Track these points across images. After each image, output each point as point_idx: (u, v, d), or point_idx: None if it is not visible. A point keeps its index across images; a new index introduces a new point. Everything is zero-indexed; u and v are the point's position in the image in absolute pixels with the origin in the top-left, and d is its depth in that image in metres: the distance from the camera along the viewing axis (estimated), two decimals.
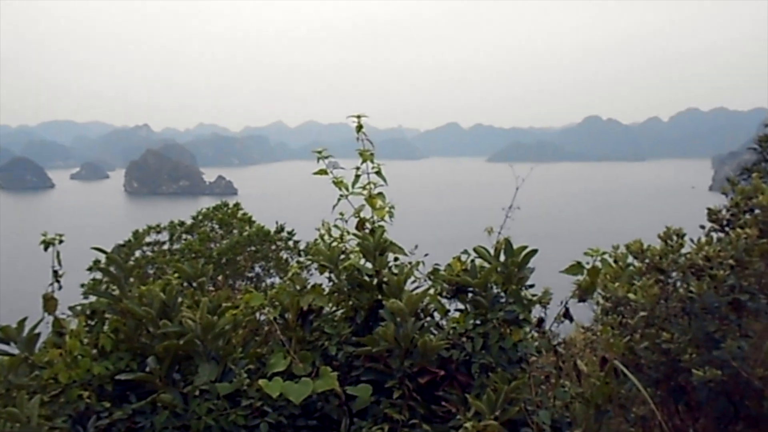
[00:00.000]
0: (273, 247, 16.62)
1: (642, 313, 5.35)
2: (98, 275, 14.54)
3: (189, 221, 17.69)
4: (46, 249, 3.30)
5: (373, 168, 3.71)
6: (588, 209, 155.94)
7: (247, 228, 17.02)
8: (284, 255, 16.74)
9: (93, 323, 3.32)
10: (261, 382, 2.99)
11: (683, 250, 5.65)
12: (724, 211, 5.98)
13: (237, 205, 18.33)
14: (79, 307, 3.37)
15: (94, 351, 3.18)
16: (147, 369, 3.07)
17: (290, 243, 17.02)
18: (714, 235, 5.88)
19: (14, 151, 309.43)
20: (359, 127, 3.66)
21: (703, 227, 6.10)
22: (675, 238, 5.76)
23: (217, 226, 17.43)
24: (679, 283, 5.48)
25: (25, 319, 3.07)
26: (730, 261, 4.98)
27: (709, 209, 6.03)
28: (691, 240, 5.74)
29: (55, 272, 3.36)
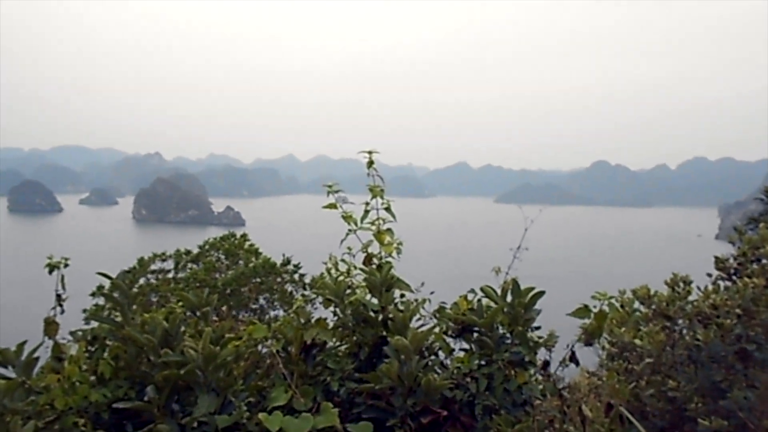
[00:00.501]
0: (278, 279, 16.57)
1: (648, 360, 5.27)
2: (101, 301, 14.52)
3: (195, 250, 17.71)
4: (50, 272, 3.30)
5: (382, 204, 3.71)
6: (595, 253, 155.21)
7: (253, 259, 17.01)
8: (289, 288, 16.67)
9: (93, 349, 3.30)
10: (261, 415, 2.94)
11: (690, 298, 5.60)
12: (731, 260, 5.94)
13: (244, 236, 18.36)
14: (80, 333, 3.35)
15: (93, 378, 3.14)
16: (145, 398, 3.03)
17: (296, 276, 16.97)
18: (721, 283, 5.83)
19: (25, 174, 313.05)
20: (370, 163, 3.68)
21: (710, 275, 6.05)
22: (682, 284, 5.72)
23: (223, 257, 17.43)
24: (685, 331, 5.42)
25: (24, 342, 3.05)
26: (738, 310, 4.93)
27: (716, 257, 5.99)
28: (698, 288, 5.70)
29: (59, 296, 3.35)
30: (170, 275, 17.09)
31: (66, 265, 3.38)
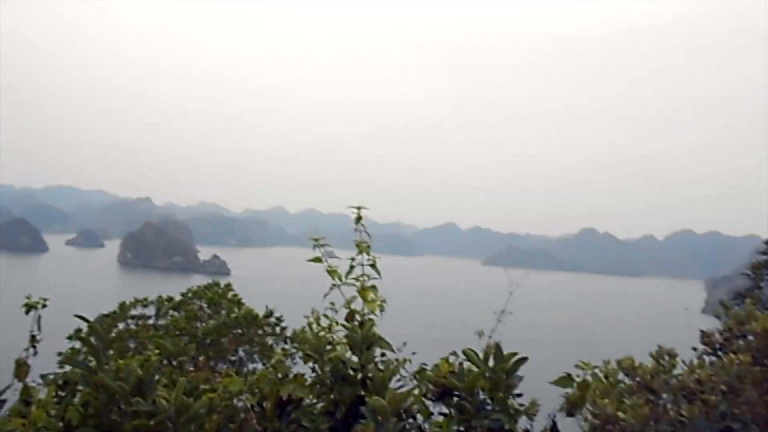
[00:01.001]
0: (260, 331, 16.32)
1: None
2: (78, 344, 14.18)
3: (178, 298, 17.48)
4: (27, 312, 3.24)
5: (368, 260, 3.71)
6: (581, 320, 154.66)
7: (236, 310, 16.79)
8: (270, 341, 16.41)
9: (63, 394, 3.20)
10: None
11: (675, 371, 5.55)
12: (717, 335, 5.92)
13: (228, 285, 18.20)
14: (51, 376, 3.26)
15: (60, 424, 3.04)
16: None
17: (277, 329, 16.73)
18: (706, 358, 5.79)
19: (15, 212, 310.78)
20: (358, 218, 3.70)
21: (695, 349, 6.02)
22: (667, 357, 5.68)
23: (205, 305, 17.20)
24: (669, 405, 5.35)
25: None
26: (723, 386, 4.88)
27: (702, 331, 5.97)
28: (683, 361, 5.65)
29: (33, 337, 3.28)
30: (150, 321, 16.81)
31: (44, 306, 3.32)
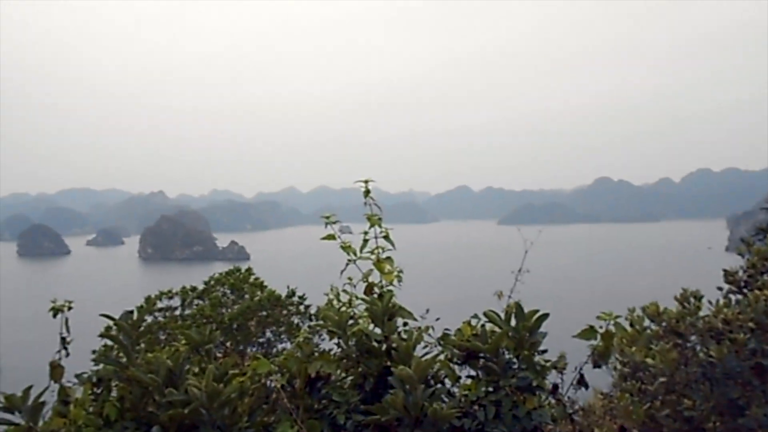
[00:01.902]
0: (284, 312, 16.51)
1: (661, 379, 5.19)
2: (110, 342, 14.46)
3: (201, 286, 17.69)
4: (54, 316, 3.30)
5: (381, 232, 3.71)
6: (602, 271, 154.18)
7: (259, 293, 16.96)
8: (295, 320, 16.60)
9: (99, 391, 3.28)
10: None
11: (701, 313, 5.53)
12: (740, 273, 5.88)
13: (249, 269, 18.35)
14: (85, 375, 3.33)
15: (100, 420, 3.11)
16: None
17: (301, 308, 16.91)
18: (732, 297, 5.76)
19: (33, 218, 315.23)
20: (366, 192, 3.69)
21: (720, 289, 5.98)
22: (692, 300, 5.66)
23: (228, 291, 17.40)
24: (698, 348, 5.34)
25: (30, 387, 3.04)
26: (750, 324, 4.86)
27: (725, 271, 5.93)
28: (709, 302, 5.62)
29: (63, 339, 3.34)
30: (177, 312, 17.05)
31: (70, 308, 3.38)
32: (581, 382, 3.23)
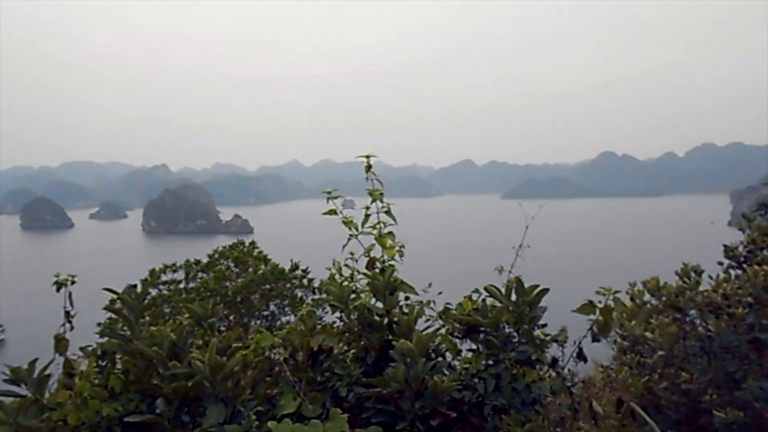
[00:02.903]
0: (288, 285, 16.63)
1: (660, 353, 5.24)
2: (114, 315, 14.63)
3: (205, 260, 17.80)
4: (58, 290, 3.33)
5: (382, 207, 3.71)
6: (605, 246, 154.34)
7: (262, 266, 17.07)
8: (299, 293, 16.73)
9: (104, 364, 3.32)
10: (270, 424, 2.94)
11: (701, 288, 5.55)
12: (740, 248, 5.89)
13: (252, 243, 18.44)
14: (90, 348, 3.37)
15: (104, 392, 3.16)
16: (156, 411, 3.04)
17: (304, 281, 17.02)
18: (732, 272, 5.78)
19: (36, 191, 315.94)
20: (368, 167, 3.68)
21: (721, 264, 5.99)
22: (692, 275, 5.68)
23: (232, 265, 17.52)
24: (697, 322, 5.38)
25: (35, 360, 3.08)
26: (749, 299, 4.88)
27: (725, 246, 5.93)
28: (710, 277, 5.64)
29: (67, 313, 3.38)
30: (181, 285, 17.19)
31: (73, 282, 3.40)
32: (580, 355, 3.26)
